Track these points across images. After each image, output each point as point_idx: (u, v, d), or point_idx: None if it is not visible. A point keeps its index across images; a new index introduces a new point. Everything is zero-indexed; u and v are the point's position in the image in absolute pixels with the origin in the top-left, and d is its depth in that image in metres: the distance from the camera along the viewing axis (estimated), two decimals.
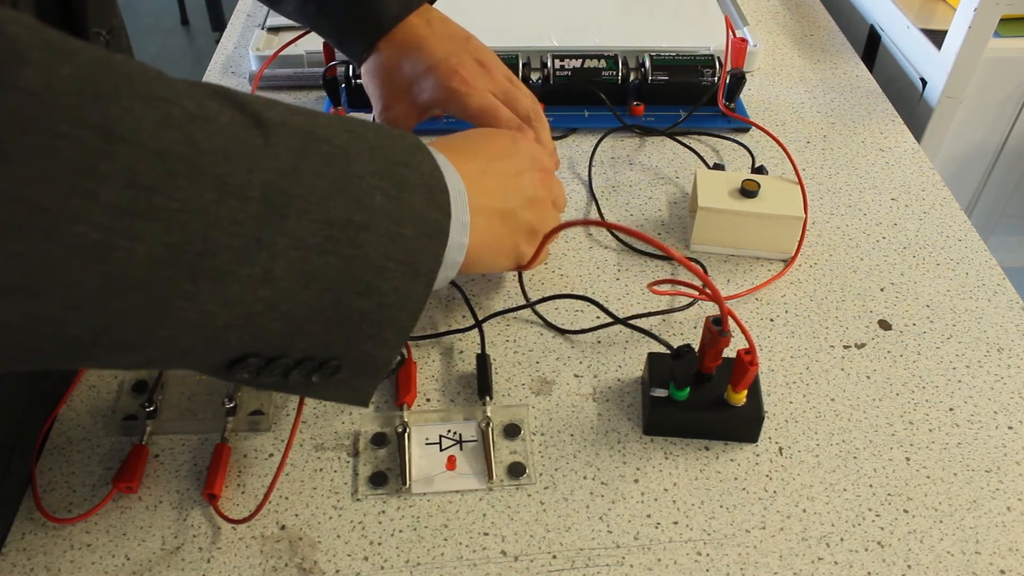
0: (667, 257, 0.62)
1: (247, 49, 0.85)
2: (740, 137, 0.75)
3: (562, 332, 0.57)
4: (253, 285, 0.33)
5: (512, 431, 0.51)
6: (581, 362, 0.55)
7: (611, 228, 0.60)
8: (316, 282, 0.34)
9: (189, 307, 0.31)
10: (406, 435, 0.50)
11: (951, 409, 0.53)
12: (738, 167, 0.71)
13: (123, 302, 0.30)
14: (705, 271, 0.62)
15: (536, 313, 0.58)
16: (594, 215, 0.67)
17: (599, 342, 0.56)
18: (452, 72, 0.57)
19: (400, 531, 0.46)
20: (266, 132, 0.33)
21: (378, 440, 0.50)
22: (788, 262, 0.62)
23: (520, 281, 0.60)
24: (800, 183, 0.62)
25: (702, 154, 0.72)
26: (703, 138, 0.75)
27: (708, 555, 0.45)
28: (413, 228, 0.38)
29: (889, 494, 0.48)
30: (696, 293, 0.54)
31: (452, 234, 0.40)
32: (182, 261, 0.30)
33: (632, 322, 0.57)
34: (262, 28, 0.85)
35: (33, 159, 0.26)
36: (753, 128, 0.75)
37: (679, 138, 0.74)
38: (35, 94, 0.26)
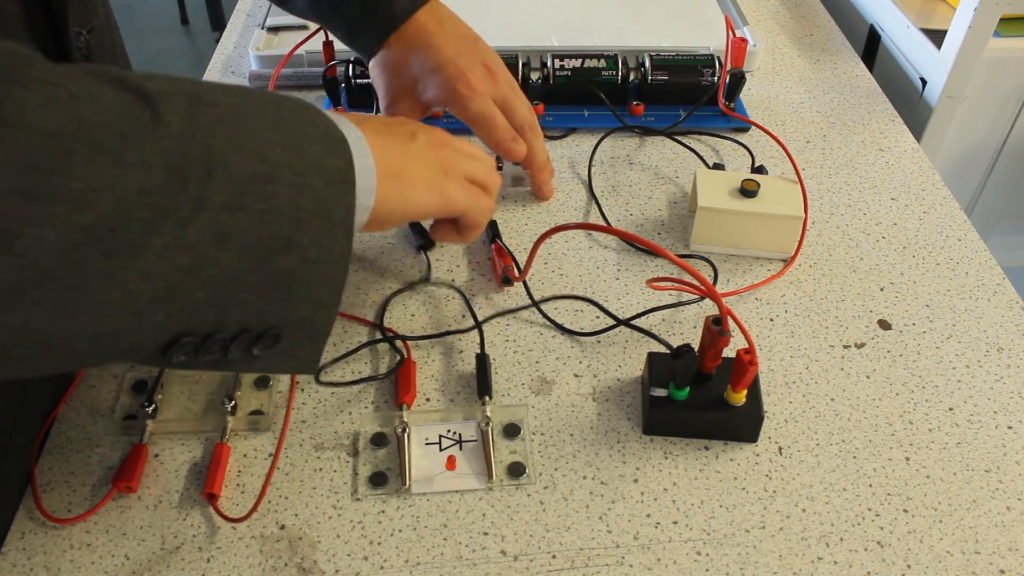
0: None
1: (247, 49, 0.85)
2: (740, 137, 0.75)
3: (563, 331, 0.57)
4: (169, 254, 0.33)
5: (512, 431, 0.51)
6: (581, 362, 0.55)
7: (598, 230, 0.60)
8: (231, 241, 0.34)
9: (108, 287, 0.32)
10: (406, 435, 0.50)
11: (951, 409, 0.53)
12: (738, 167, 0.71)
13: (38, 292, 0.30)
14: (716, 271, 0.62)
15: (540, 312, 0.58)
16: (594, 214, 0.67)
17: (599, 342, 0.56)
18: (459, 74, 0.58)
19: (400, 531, 0.46)
20: (152, 104, 0.33)
21: (378, 440, 0.50)
22: (788, 262, 0.62)
23: (523, 282, 0.60)
24: (800, 183, 0.62)
25: (702, 154, 0.72)
26: (703, 138, 0.75)
27: (708, 555, 0.45)
28: (319, 178, 0.37)
29: (889, 494, 0.48)
30: (694, 291, 0.54)
31: (358, 179, 0.40)
32: (94, 241, 0.30)
33: (632, 322, 0.57)
34: (262, 28, 0.85)
35: None
36: (753, 128, 0.75)
37: (679, 138, 0.74)
38: None
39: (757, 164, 0.70)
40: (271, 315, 0.37)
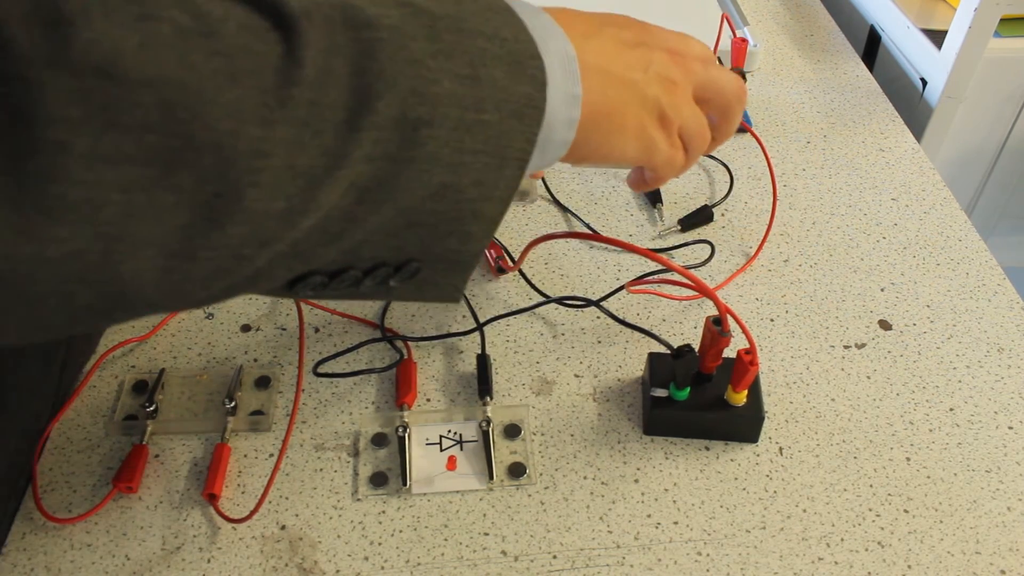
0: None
1: None
2: (739, 137, 0.75)
3: (564, 332, 0.57)
4: (292, 218, 0.29)
5: (512, 431, 0.51)
6: (581, 362, 0.55)
7: (585, 238, 0.61)
8: (371, 194, 0.30)
9: (217, 255, 0.28)
10: (406, 435, 0.50)
11: (951, 409, 0.53)
12: (739, 165, 0.71)
13: (133, 264, 0.27)
14: (712, 250, 0.61)
15: (553, 301, 0.58)
16: (591, 218, 0.67)
17: (599, 342, 0.56)
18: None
19: (400, 531, 0.46)
20: (288, 32, 0.27)
21: (378, 440, 0.50)
22: (751, 256, 0.62)
23: (526, 279, 0.60)
24: (772, 179, 0.61)
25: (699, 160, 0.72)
26: None
27: (708, 555, 0.45)
28: (495, 111, 0.31)
29: (889, 494, 0.48)
30: (674, 293, 0.54)
31: (556, 108, 0.34)
32: (196, 206, 0.26)
33: (632, 322, 0.57)
34: None
35: None
36: (756, 127, 0.75)
37: None
38: None
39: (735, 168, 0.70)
40: (411, 250, 0.33)
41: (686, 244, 0.64)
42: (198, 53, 0.25)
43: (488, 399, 0.52)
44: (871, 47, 0.96)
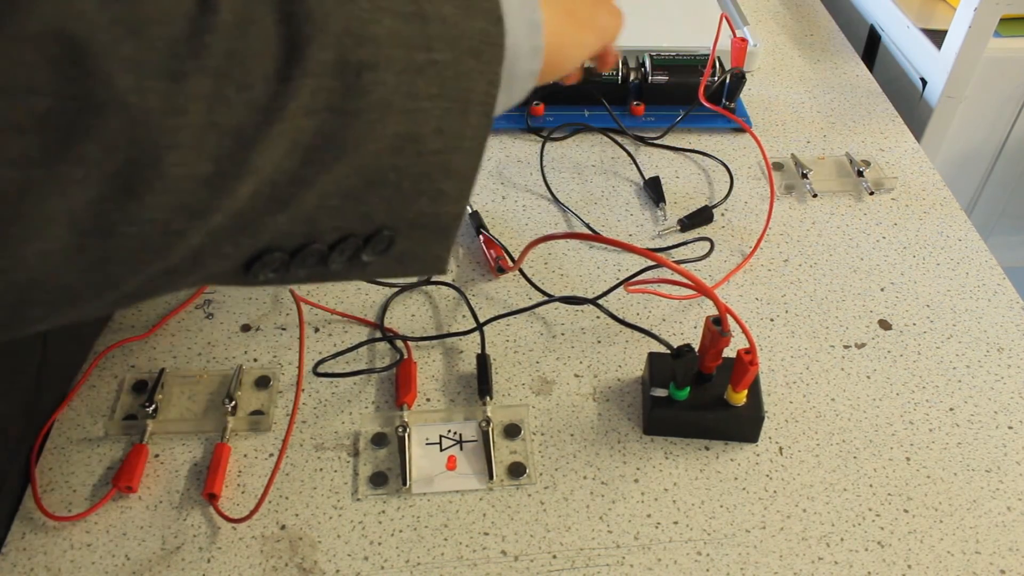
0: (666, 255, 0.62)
1: None
2: (739, 137, 0.75)
3: (564, 331, 0.57)
4: (223, 184, 0.26)
5: (512, 431, 0.51)
6: (581, 362, 0.55)
7: (585, 239, 0.61)
8: (316, 152, 0.27)
9: (137, 231, 0.25)
10: (406, 435, 0.50)
11: (951, 409, 0.53)
12: (739, 165, 0.71)
13: (40, 244, 0.24)
14: (712, 245, 0.61)
15: (555, 300, 0.58)
16: (590, 218, 0.67)
17: (599, 342, 0.56)
18: None
19: (400, 531, 0.46)
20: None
21: (378, 440, 0.50)
22: (747, 254, 0.62)
23: (526, 278, 0.60)
24: (770, 176, 0.62)
25: (694, 158, 0.72)
26: (701, 137, 0.75)
27: (708, 555, 0.45)
28: (448, 50, 0.29)
29: (889, 494, 0.48)
30: (673, 292, 0.54)
31: (518, 40, 0.32)
32: (105, 176, 0.24)
33: (632, 321, 0.57)
34: None
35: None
36: (756, 127, 0.75)
37: (671, 143, 0.74)
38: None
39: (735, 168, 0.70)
40: (378, 216, 0.30)
41: (685, 243, 0.64)
42: (90, 1, 0.23)
43: (488, 399, 0.52)
44: (871, 47, 0.96)
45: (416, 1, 0.29)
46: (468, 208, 0.60)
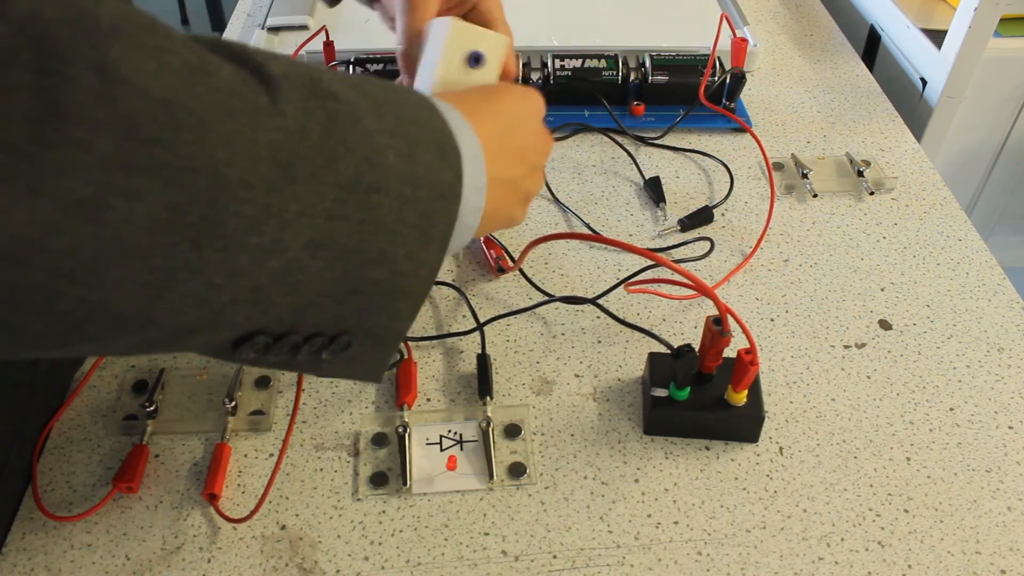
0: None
1: None
2: (739, 137, 0.75)
3: (564, 331, 0.57)
4: (262, 256, 0.30)
5: (513, 431, 0.51)
6: (581, 362, 0.55)
7: (585, 239, 0.61)
8: (326, 251, 0.32)
9: (193, 279, 0.29)
10: (407, 435, 0.50)
11: (951, 409, 0.53)
12: (739, 165, 0.71)
13: (120, 271, 0.27)
14: (712, 245, 0.61)
15: (556, 300, 0.58)
16: (590, 218, 0.67)
17: (599, 342, 0.56)
18: None
19: (400, 531, 0.46)
20: (271, 88, 0.30)
21: (378, 440, 0.50)
22: (748, 254, 0.62)
23: (526, 278, 0.60)
24: (770, 176, 0.62)
25: (693, 157, 0.72)
26: (701, 137, 0.75)
27: (708, 555, 0.45)
28: (427, 189, 0.35)
29: (889, 494, 0.48)
30: (674, 292, 0.54)
31: (469, 197, 0.38)
32: (184, 226, 0.28)
33: (632, 321, 0.57)
34: (262, 28, 0.85)
35: (17, 100, 0.24)
36: (756, 127, 0.75)
37: (671, 143, 0.74)
38: (19, 24, 0.24)
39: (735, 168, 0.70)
40: (348, 321, 0.35)
41: (686, 243, 0.64)
42: (202, 87, 0.28)
43: (488, 399, 0.52)
44: (871, 47, 0.96)
45: (410, 145, 0.35)
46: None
